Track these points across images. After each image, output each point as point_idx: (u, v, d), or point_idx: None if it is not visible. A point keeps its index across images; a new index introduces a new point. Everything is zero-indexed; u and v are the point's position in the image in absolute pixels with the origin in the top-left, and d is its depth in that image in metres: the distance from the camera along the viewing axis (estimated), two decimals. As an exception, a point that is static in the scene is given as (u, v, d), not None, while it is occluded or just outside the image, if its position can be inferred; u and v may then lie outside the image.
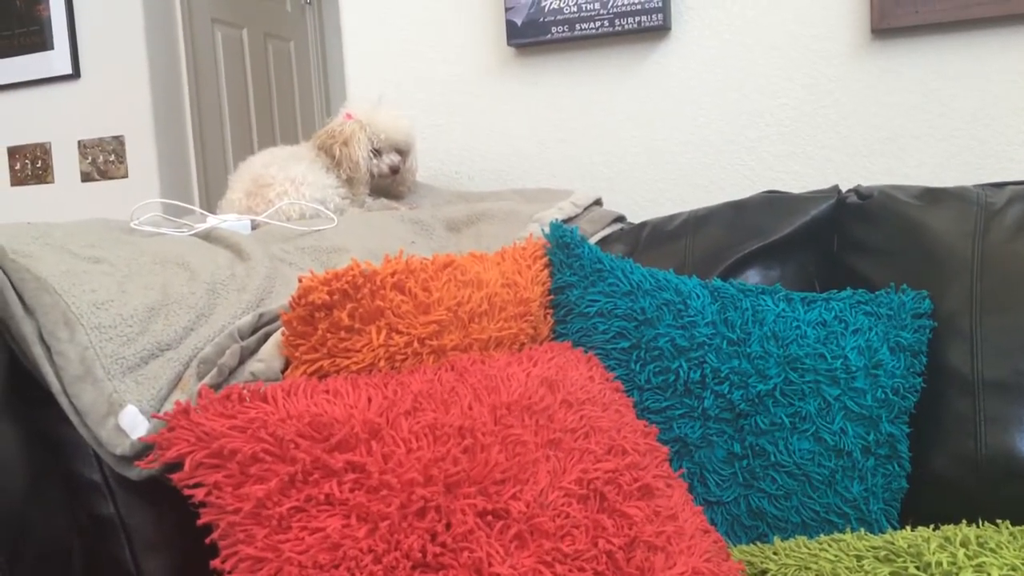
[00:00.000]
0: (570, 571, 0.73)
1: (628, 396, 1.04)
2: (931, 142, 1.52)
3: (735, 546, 0.98)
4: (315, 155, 1.55)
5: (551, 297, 1.12)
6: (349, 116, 1.56)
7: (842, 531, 0.98)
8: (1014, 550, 0.80)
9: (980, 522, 0.94)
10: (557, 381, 0.93)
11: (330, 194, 1.48)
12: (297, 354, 0.89)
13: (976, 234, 1.15)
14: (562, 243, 1.13)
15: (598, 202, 1.54)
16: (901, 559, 0.80)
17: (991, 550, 0.80)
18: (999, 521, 0.93)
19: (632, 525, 0.80)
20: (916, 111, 1.52)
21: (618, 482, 0.84)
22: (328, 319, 0.88)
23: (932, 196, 1.23)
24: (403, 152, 1.61)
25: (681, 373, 1.06)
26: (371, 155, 1.56)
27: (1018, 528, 0.90)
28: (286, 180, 1.45)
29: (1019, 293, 1.08)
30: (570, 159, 1.76)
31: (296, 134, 3.61)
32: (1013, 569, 0.76)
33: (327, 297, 0.87)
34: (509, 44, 1.74)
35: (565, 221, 1.37)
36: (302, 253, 1.19)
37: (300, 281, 0.88)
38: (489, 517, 0.75)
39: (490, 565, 0.71)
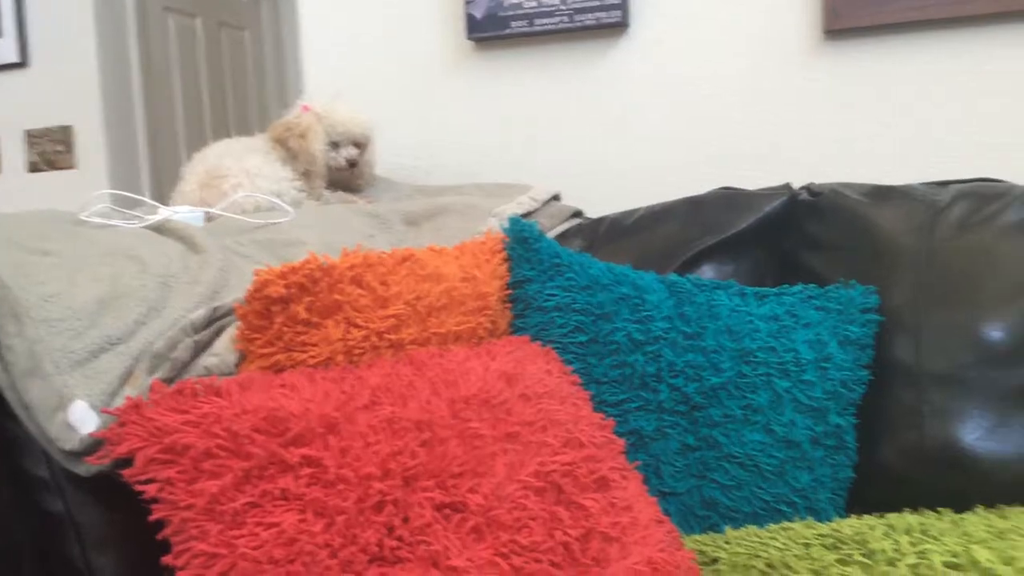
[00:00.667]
0: (526, 563, 0.74)
1: (585, 389, 1.05)
2: (883, 142, 1.55)
3: (688, 536, 0.99)
4: (271, 147, 1.53)
5: (510, 291, 1.13)
6: (306, 108, 1.55)
7: (791, 520, 1.00)
8: (955, 537, 0.83)
9: (923, 510, 0.97)
10: (515, 375, 0.93)
11: (286, 187, 1.47)
12: (252, 348, 0.88)
13: (922, 231, 1.18)
14: (521, 237, 1.13)
15: (556, 197, 1.55)
16: (847, 546, 0.83)
17: (933, 537, 0.83)
18: (940, 509, 0.96)
19: (588, 516, 0.80)
20: (869, 111, 1.56)
21: (575, 474, 0.84)
22: (285, 313, 0.87)
23: (881, 194, 1.26)
24: (361, 145, 1.60)
25: (638, 367, 1.07)
26: (328, 148, 1.55)
27: (959, 516, 0.93)
28: (241, 172, 1.43)
29: (962, 289, 1.12)
30: (529, 154, 1.76)
31: (251, 126, 3.56)
32: (954, 556, 0.79)
33: (284, 290, 0.87)
34: (469, 38, 1.74)
35: (524, 216, 1.38)
36: (258, 246, 1.17)
37: (256, 274, 0.88)
38: (447, 510, 0.75)
39: (447, 558, 0.71)
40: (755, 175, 1.62)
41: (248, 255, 1.14)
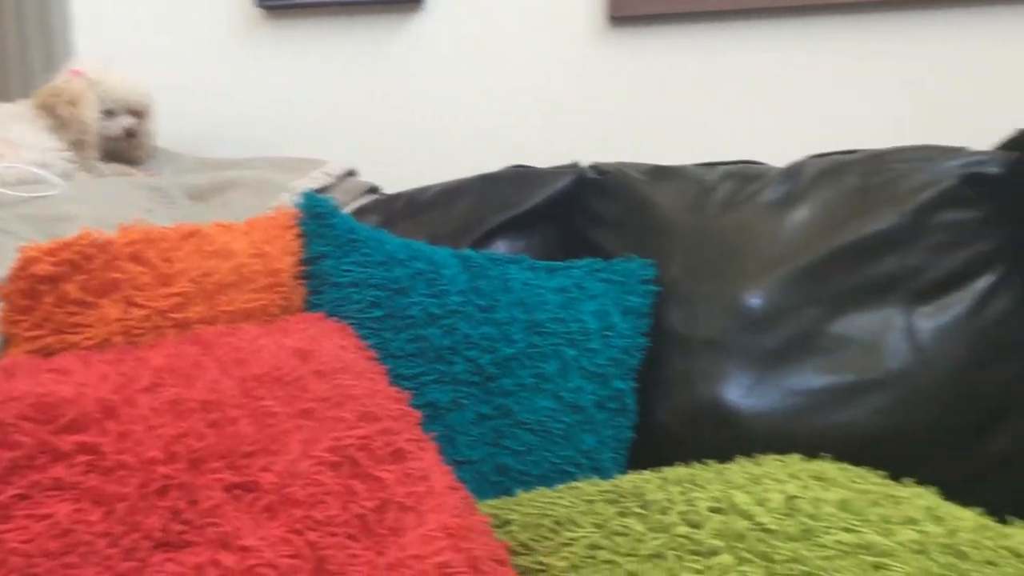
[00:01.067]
0: (321, 537, 0.74)
1: (382, 364, 1.05)
2: (663, 125, 1.66)
3: (482, 501, 1.03)
4: (36, 115, 1.41)
5: (304, 268, 1.11)
6: (76, 73, 1.43)
7: (578, 480, 1.06)
8: (718, 485, 0.91)
9: (693, 464, 1.06)
10: (310, 352, 0.92)
11: (54, 157, 1.36)
12: (17, 331, 0.82)
13: (693, 208, 1.28)
14: (315, 213, 1.12)
15: (352, 172, 1.54)
16: (626, 500, 0.89)
17: (700, 486, 0.91)
18: (708, 461, 1.05)
19: (384, 488, 0.82)
20: (650, 95, 1.66)
21: (370, 447, 0.85)
22: (54, 292, 0.81)
23: (659, 173, 1.35)
24: (139, 114, 1.50)
25: (434, 340, 1.10)
26: (102, 116, 1.44)
27: (723, 466, 1.03)
28: (1, 142, 1.31)
29: (727, 261, 1.23)
30: (323, 129, 1.73)
31: (12, 92, 3.22)
32: (717, 501, 0.87)
33: (52, 268, 0.81)
34: (258, 5, 1.67)
35: (318, 191, 1.36)
36: (21, 221, 1.08)
37: (21, 251, 0.81)
38: (237, 491, 0.73)
39: (238, 538, 0.70)
40: (545, 154, 1.68)
41: (11, 231, 1.05)
